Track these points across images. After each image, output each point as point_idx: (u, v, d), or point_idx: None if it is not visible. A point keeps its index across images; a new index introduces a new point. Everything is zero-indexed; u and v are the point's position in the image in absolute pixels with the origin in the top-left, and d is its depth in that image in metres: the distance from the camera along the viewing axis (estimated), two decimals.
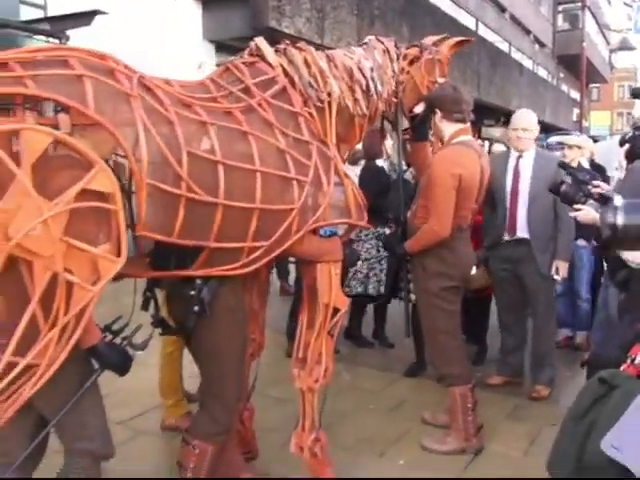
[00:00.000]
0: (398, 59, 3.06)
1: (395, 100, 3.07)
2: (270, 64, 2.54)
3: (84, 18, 7.20)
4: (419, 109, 3.22)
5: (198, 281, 2.27)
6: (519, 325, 4.40)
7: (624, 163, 3.29)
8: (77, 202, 1.74)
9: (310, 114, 2.53)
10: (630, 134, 3.02)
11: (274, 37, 8.50)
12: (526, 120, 4.15)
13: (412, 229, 3.36)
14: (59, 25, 7.29)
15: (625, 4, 14.98)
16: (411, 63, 3.14)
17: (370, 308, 5.38)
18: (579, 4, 25.91)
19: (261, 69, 2.51)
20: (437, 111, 3.28)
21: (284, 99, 2.49)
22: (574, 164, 4.73)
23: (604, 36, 35.12)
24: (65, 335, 1.82)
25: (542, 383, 4.17)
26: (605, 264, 3.62)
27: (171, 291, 2.39)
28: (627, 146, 3.01)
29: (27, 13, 8.14)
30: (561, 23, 30.78)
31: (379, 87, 2.83)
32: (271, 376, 3.56)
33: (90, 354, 2.05)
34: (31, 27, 7.28)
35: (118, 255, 1.85)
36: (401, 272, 4.06)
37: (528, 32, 25.66)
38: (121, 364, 2.11)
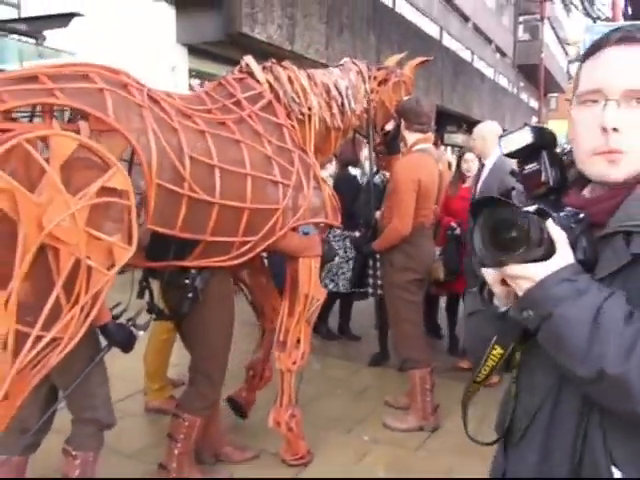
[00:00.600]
0: (370, 80, 3.43)
1: (366, 116, 3.45)
2: (258, 80, 2.86)
3: (61, 20, 7.34)
4: (390, 127, 3.63)
5: (192, 271, 2.57)
6: None
7: None
8: (97, 198, 2.03)
9: (292, 126, 2.86)
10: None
11: (246, 43, 8.81)
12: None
13: (381, 229, 3.73)
14: (36, 25, 7.44)
15: (585, 15, 15.69)
16: (379, 84, 3.53)
17: (335, 305, 5.73)
18: (538, 16, 26.87)
19: (250, 84, 2.84)
20: (401, 120, 3.68)
21: (270, 112, 2.82)
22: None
23: (563, 47, 36.34)
24: (83, 313, 2.10)
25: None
26: None
27: (167, 280, 2.67)
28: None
29: (1, 12, 8.22)
30: (522, 34, 31.76)
31: (353, 104, 3.21)
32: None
33: (101, 332, 2.33)
34: (8, 27, 7.40)
35: (129, 244, 2.14)
36: (368, 269, 4.43)
37: (490, 41, 26.44)
38: (127, 342, 2.40)
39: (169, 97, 2.49)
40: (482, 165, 4.53)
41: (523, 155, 1.15)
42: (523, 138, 1.13)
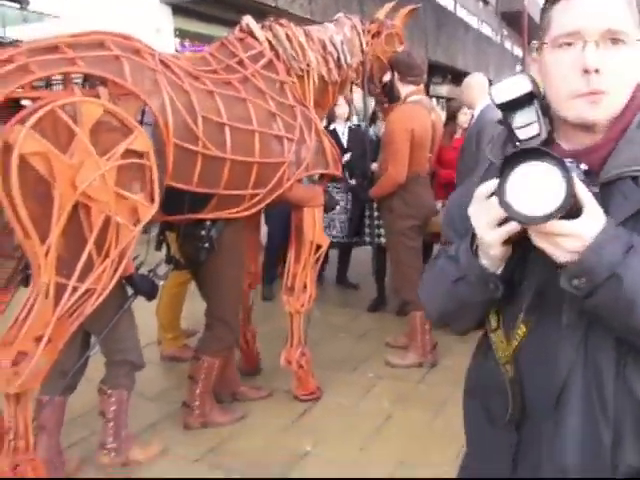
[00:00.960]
0: (364, 33, 3.57)
1: (362, 69, 3.60)
2: (258, 39, 3.00)
3: None
4: (387, 78, 3.79)
5: (207, 223, 2.77)
6: None
7: None
8: (122, 159, 2.21)
9: (293, 82, 3.03)
10: None
11: (230, 0, 8.78)
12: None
13: (378, 178, 3.94)
14: None
15: None
16: (373, 37, 3.68)
17: (333, 256, 5.96)
18: None
19: (250, 44, 2.99)
20: (395, 73, 3.85)
21: (272, 69, 2.98)
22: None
23: None
24: (113, 266, 2.30)
25: None
26: None
27: (184, 232, 2.86)
28: None
29: None
30: None
31: (349, 58, 3.35)
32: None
33: (127, 282, 2.54)
34: None
35: (152, 202, 2.33)
36: (365, 218, 4.65)
37: None
38: (150, 291, 2.62)
39: (177, 60, 2.64)
40: (472, 116, 4.69)
41: (515, 105, 1.08)
42: (520, 86, 1.07)
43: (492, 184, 0.97)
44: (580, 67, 1.01)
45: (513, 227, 0.96)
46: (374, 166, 4.15)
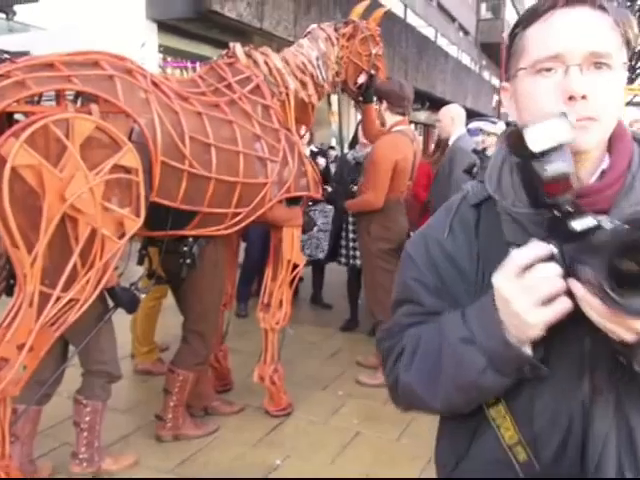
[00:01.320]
0: (338, 40, 3.62)
1: (338, 80, 3.68)
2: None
3: None
4: (362, 79, 3.85)
5: (190, 239, 2.85)
6: None
7: None
8: (111, 174, 2.29)
9: (278, 106, 3.14)
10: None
11: (216, 20, 8.92)
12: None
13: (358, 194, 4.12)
14: (6, 0, 7.45)
15: None
16: (348, 39, 3.72)
17: (308, 275, 6.06)
18: None
19: (239, 69, 3.09)
20: (384, 101, 3.96)
21: (258, 94, 3.09)
22: (491, 149, 5.48)
23: None
24: (97, 277, 2.36)
25: None
26: None
27: (166, 248, 2.92)
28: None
29: None
30: (484, 12, 32.22)
31: (324, 74, 3.43)
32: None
33: (109, 294, 2.59)
34: None
35: (138, 216, 2.41)
36: (341, 240, 4.77)
37: (453, 20, 26.79)
38: (131, 303, 2.68)
39: (168, 81, 2.74)
40: (446, 144, 4.86)
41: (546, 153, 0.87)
42: (560, 132, 0.86)
43: (535, 252, 0.85)
44: (564, 93, 0.92)
45: (565, 306, 0.83)
46: (354, 188, 4.29)
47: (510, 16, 33.09)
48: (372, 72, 3.84)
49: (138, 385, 4.04)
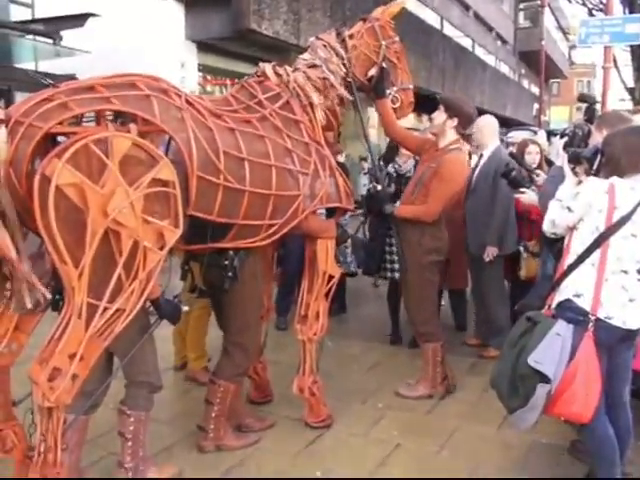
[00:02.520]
0: (344, 42, 3.52)
1: (349, 81, 3.53)
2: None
3: (77, 20, 7.63)
4: (372, 72, 3.67)
5: (230, 252, 2.92)
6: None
7: (561, 152, 3.90)
8: (149, 188, 2.36)
9: (310, 120, 3.19)
10: (570, 129, 3.63)
11: (254, 38, 9.09)
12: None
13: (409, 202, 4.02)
14: (53, 26, 7.74)
15: (581, 4, 15.92)
16: (359, 37, 3.60)
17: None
18: (539, 2, 27.02)
19: (268, 86, 3.17)
20: (455, 118, 3.84)
21: (288, 109, 3.15)
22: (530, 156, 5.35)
23: (564, 33, 36.46)
24: (141, 288, 2.44)
25: (494, 346, 4.87)
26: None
27: (208, 262, 2.99)
28: (565, 139, 3.40)
29: (16, 12, 8.47)
30: (522, 21, 31.90)
31: (333, 79, 3.37)
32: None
33: (152, 306, 2.67)
34: (25, 27, 7.71)
35: (177, 227, 2.48)
36: (385, 254, 4.74)
37: (491, 29, 26.61)
38: (174, 314, 2.75)
39: (202, 99, 2.83)
40: (480, 155, 4.86)
41: None
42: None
43: None
44: None
45: None
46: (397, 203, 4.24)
47: (549, 24, 32.72)
48: (383, 65, 3.67)
49: (180, 396, 4.13)
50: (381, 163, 5.41)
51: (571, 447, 3.30)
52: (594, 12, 15.39)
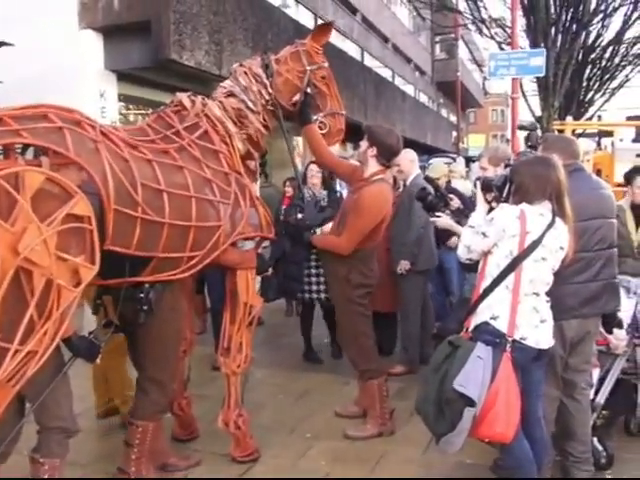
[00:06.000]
0: (268, 68, 3.45)
1: (272, 108, 3.47)
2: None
3: None
4: (296, 98, 3.59)
5: (146, 285, 2.84)
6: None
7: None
8: (63, 224, 2.29)
9: (228, 150, 3.18)
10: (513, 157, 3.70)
11: (175, 68, 9.03)
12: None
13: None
14: None
15: (490, 38, 16.85)
16: (284, 63, 3.56)
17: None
18: (453, 35, 28.33)
19: (186, 116, 3.15)
20: (374, 148, 3.76)
21: (207, 139, 3.14)
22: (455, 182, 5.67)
23: (477, 65, 38.18)
24: (54, 328, 2.33)
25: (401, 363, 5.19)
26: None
27: (122, 295, 2.87)
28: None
29: None
30: (439, 52, 33.26)
31: (253, 106, 3.34)
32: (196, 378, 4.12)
33: (66, 345, 2.56)
34: None
35: (93, 263, 2.41)
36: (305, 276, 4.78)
37: (409, 60, 27.58)
38: (90, 353, 2.65)
39: (117, 130, 2.78)
40: (404, 185, 5.19)
41: None
42: None
43: None
44: None
45: None
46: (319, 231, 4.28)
47: (464, 56, 34.25)
48: (308, 90, 3.60)
49: (101, 438, 3.95)
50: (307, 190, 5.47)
51: (494, 465, 3.38)
52: (503, 46, 16.21)
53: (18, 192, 2.16)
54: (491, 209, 2.97)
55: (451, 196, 3.81)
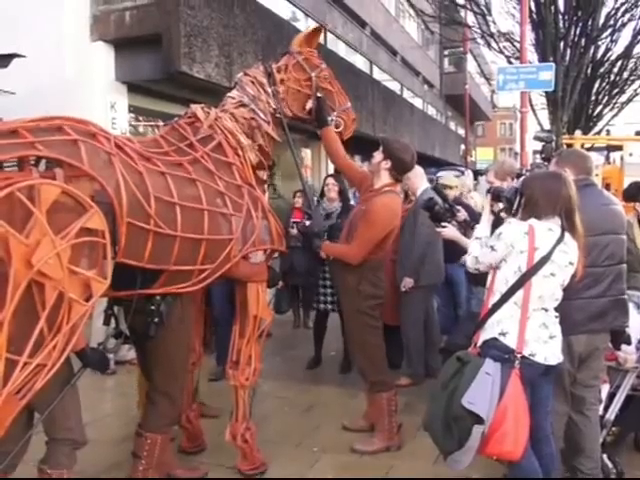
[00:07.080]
0: (271, 77, 3.51)
1: (279, 116, 3.50)
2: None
3: (2, 60, 7.47)
4: (310, 105, 3.69)
5: (157, 297, 2.85)
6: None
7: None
8: (77, 237, 2.30)
9: (241, 162, 3.20)
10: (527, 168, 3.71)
11: (185, 80, 9.10)
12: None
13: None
14: None
15: (498, 52, 16.93)
16: (285, 72, 3.60)
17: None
18: (462, 49, 28.42)
19: (200, 128, 3.17)
20: (389, 161, 3.78)
21: (220, 152, 3.16)
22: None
23: (486, 78, 38.26)
24: (64, 341, 2.34)
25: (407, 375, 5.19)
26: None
27: (133, 307, 2.87)
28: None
29: None
30: (447, 66, 33.37)
31: (263, 116, 3.38)
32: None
33: (78, 356, 2.57)
34: None
35: (104, 278, 2.42)
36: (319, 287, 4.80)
37: (417, 74, 27.67)
38: (102, 364, 2.66)
39: (131, 142, 2.79)
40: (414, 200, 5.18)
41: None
42: None
43: None
44: None
45: None
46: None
47: (472, 69, 34.32)
48: (318, 94, 3.68)
49: (110, 449, 3.95)
50: (318, 199, 5.52)
51: None
52: (512, 60, 16.27)
53: (33, 204, 2.18)
54: (498, 219, 2.98)
55: (458, 207, 3.83)
